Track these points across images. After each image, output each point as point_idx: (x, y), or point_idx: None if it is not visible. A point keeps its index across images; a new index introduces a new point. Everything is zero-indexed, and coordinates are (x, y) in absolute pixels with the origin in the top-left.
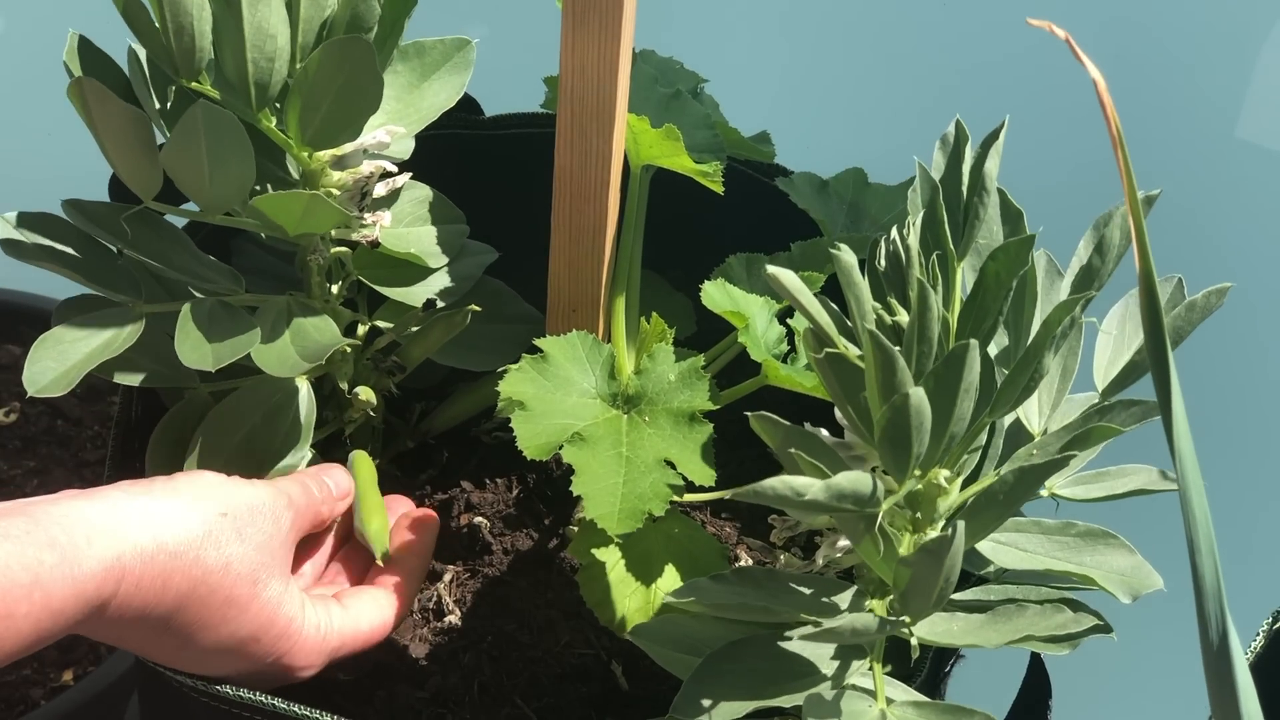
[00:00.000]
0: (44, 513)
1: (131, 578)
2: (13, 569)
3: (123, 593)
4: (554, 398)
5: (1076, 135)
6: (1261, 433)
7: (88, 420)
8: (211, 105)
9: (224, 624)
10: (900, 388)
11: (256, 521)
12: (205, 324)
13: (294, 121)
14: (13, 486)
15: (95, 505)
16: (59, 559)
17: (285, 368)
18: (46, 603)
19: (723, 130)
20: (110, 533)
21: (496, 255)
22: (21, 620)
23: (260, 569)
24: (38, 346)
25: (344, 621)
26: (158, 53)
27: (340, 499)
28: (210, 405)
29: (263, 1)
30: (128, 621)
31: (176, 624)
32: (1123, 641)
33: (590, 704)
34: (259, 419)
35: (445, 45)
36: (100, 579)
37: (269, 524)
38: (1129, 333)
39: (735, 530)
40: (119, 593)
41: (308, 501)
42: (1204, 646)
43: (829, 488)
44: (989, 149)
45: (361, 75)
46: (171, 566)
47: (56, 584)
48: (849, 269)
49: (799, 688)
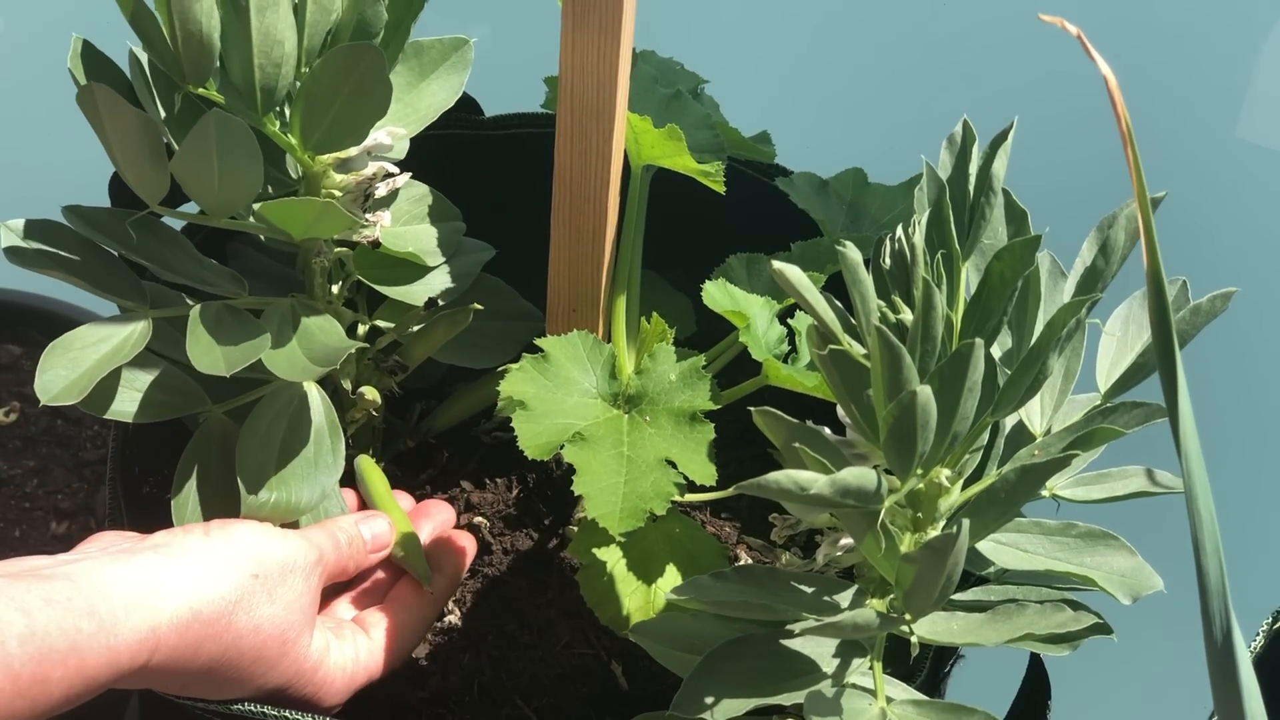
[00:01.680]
0: (85, 579)
1: (165, 647)
2: (52, 635)
3: (155, 661)
4: (555, 397)
5: (1077, 135)
6: (1261, 432)
7: (88, 420)
8: (224, 114)
9: (253, 679)
10: (906, 386)
11: (288, 580)
12: (213, 328)
13: (298, 125)
14: (13, 486)
15: (133, 572)
16: (96, 628)
17: (296, 371)
18: (81, 669)
19: (723, 130)
20: (145, 605)
21: (494, 252)
22: (55, 685)
23: (289, 628)
24: (48, 355)
25: (370, 656)
26: (166, 60)
27: (375, 552)
28: (226, 425)
29: (270, 8)
30: (158, 679)
31: (206, 680)
32: (1123, 642)
33: (590, 704)
34: (286, 428)
35: (443, 45)
36: (135, 649)
37: (299, 582)
38: (1132, 334)
39: (735, 530)
40: (151, 661)
41: (337, 556)
42: (1208, 645)
43: (834, 483)
44: (997, 149)
45: (371, 81)
46: (205, 635)
47: (92, 652)
48: (855, 266)
49: (799, 686)
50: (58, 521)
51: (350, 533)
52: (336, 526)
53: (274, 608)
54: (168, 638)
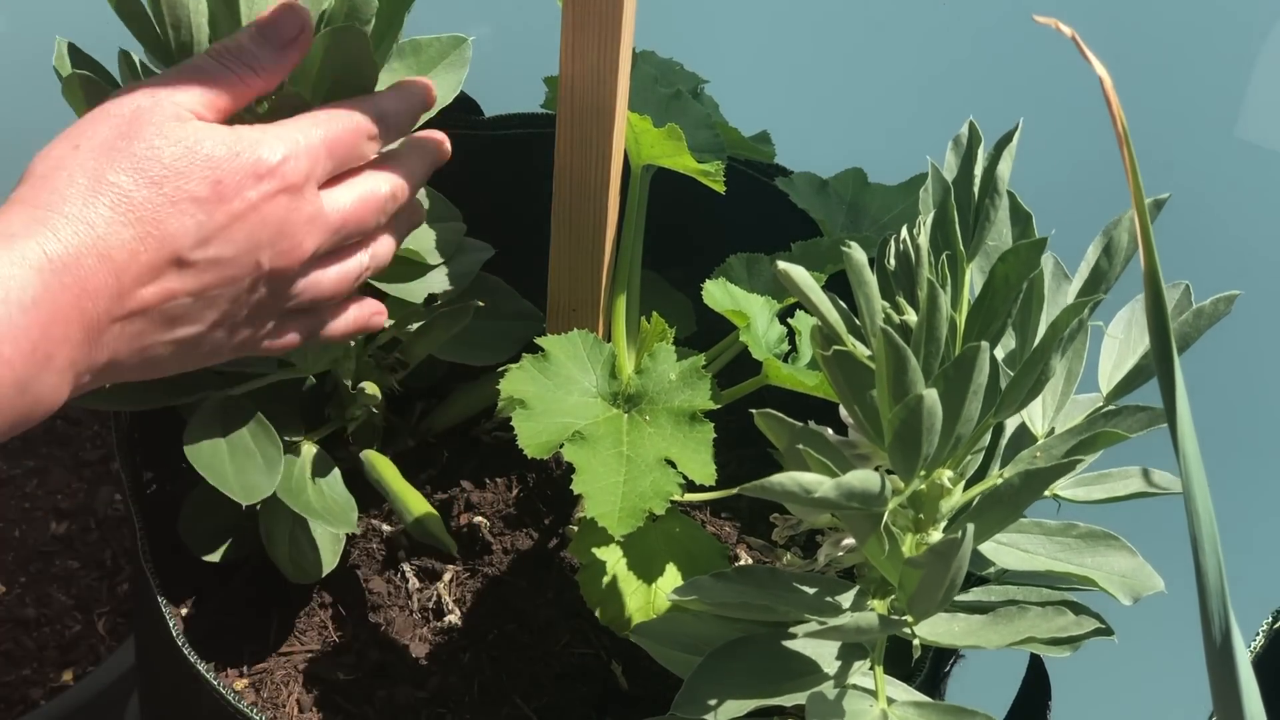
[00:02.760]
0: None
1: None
2: None
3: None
4: (555, 397)
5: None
6: (1260, 433)
7: (87, 420)
8: None
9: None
10: (911, 388)
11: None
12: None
13: None
14: (13, 486)
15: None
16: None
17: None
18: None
19: (723, 130)
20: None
21: (493, 252)
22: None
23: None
24: None
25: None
26: (153, 46)
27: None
28: (230, 404)
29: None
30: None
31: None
32: (1123, 642)
33: (590, 704)
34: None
35: (441, 43)
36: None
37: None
38: (1135, 337)
39: (735, 530)
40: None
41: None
42: (1207, 645)
43: (839, 486)
44: (1002, 151)
45: (358, 65)
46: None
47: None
48: (860, 267)
49: (800, 686)
50: (57, 521)
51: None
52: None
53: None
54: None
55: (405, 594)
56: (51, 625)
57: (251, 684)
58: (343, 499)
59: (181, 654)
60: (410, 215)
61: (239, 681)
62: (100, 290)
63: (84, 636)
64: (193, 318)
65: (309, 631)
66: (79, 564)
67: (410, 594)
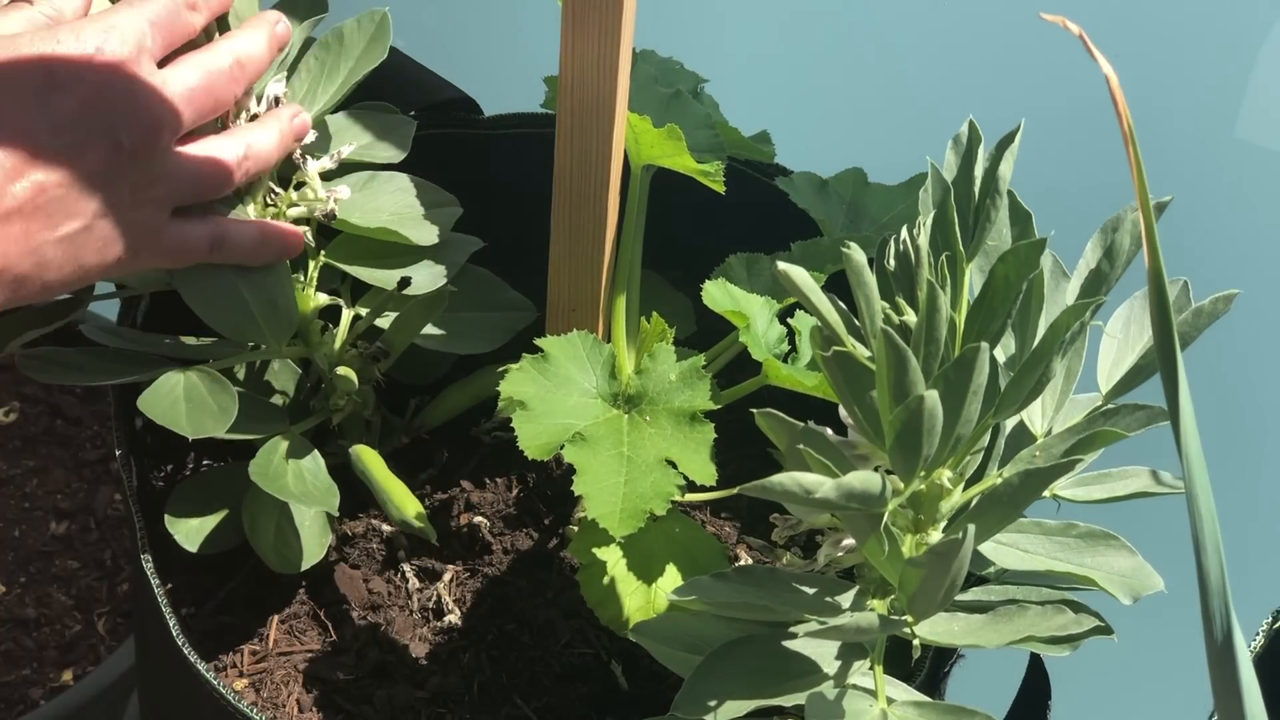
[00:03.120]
0: None
1: None
2: None
3: None
4: (555, 397)
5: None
6: (1261, 432)
7: (87, 420)
8: None
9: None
10: (912, 389)
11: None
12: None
13: None
14: (13, 486)
15: None
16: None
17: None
18: None
19: (723, 130)
20: None
21: (482, 244)
22: None
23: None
24: None
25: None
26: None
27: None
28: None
29: None
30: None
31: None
32: (1123, 641)
33: (590, 704)
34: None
35: (361, 22)
36: None
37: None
38: (1133, 335)
39: (735, 530)
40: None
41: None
42: (1208, 644)
43: (840, 486)
44: (1003, 151)
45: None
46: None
47: None
48: (860, 268)
49: (800, 686)
50: (57, 521)
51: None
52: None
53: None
54: None
55: (405, 594)
56: (51, 625)
57: (251, 684)
58: (323, 483)
59: (181, 654)
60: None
61: (239, 681)
62: None
63: (84, 636)
64: (71, 210)
65: (309, 631)
66: (79, 564)
67: (410, 594)
